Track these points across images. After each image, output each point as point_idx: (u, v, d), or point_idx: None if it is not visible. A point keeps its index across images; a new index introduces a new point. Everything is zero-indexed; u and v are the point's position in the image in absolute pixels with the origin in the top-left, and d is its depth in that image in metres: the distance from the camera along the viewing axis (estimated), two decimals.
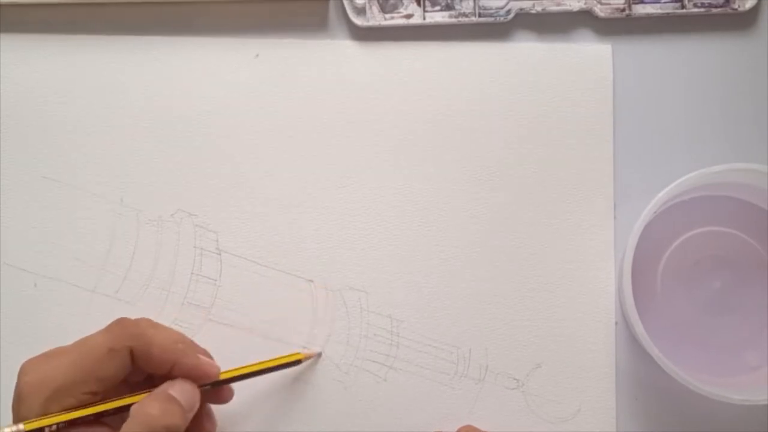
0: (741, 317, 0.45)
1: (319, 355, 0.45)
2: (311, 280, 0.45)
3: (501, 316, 0.45)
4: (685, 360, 0.41)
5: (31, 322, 0.45)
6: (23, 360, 0.37)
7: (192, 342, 0.40)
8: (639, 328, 0.41)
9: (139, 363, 0.38)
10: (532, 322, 0.45)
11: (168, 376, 0.38)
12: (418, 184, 0.46)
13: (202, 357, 0.39)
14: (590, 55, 0.46)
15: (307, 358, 0.44)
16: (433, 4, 0.46)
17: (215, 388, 0.40)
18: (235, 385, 0.42)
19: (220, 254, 0.45)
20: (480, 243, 0.46)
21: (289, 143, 0.46)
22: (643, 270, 0.44)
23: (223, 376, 0.40)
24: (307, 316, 0.45)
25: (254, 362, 0.42)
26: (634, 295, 0.41)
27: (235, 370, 0.41)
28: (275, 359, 0.43)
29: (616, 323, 0.45)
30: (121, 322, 0.38)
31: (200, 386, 0.39)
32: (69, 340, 0.38)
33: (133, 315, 0.44)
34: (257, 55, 0.46)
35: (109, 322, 0.38)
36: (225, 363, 0.45)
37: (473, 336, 0.45)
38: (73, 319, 0.45)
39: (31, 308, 0.45)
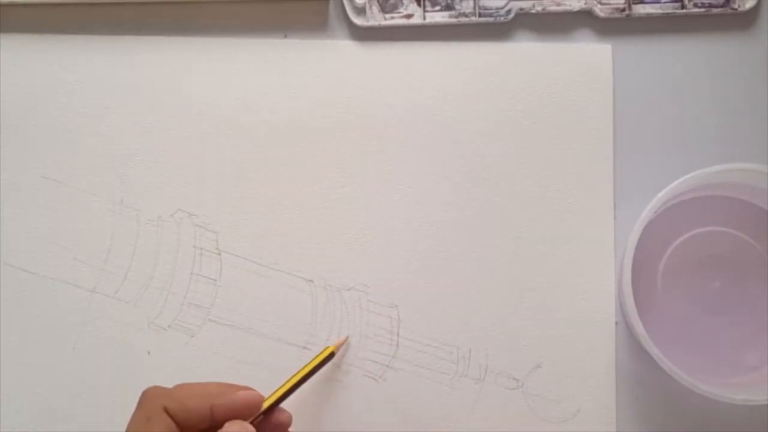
0: (741, 317, 0.45)
1: (347, 340, 0.45)
2: (311, 280, 0.45)
3: (501, 316, 0.45)
4: (685, 360, 0.41)
5: (31, 322, 0.45)
6: (23, 360, 0.37)
7: (227, 384, 0.39)
8: (639, 328, 0.41)
9: (181, 422, 0.37)
10: (532, 322, 0.45)
11: (219, 426, 0.37)
12: (418, 184, 0.46)
13: (239, 392, 0.38)
14: (590, 55, 0.46)
15: (338, 347, 0.44)
16: (433, 4, 0.46)
17: (271, 419, 0.39)
18: None
19: (220, 254, 0.45)
20: (480, 243, 0.46)
21: (289, 143, 0.46)
22: (643, 270, 0.44)
23: (267, 402, 0.39)
24: (307, 316, 0.45)
25: (291, 376, 0.41)
26: (634, 295, 0.41)
27: (277, 390, 0.40)
28: (310, 363, 0.42)
29: (616, 323, 0.45)
30: (146, 392, 0.37)
31: (253, 420, 0.38)
32: (69, 340, 0.38)
33: (133, 315, 0.45)
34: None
35: (108, 322, 0.38)
36: (225, 363, 0.45)
37: (473, 336, 0.45)
38: (73, 319, 0.45)
39: (31, 308, 0.45)
